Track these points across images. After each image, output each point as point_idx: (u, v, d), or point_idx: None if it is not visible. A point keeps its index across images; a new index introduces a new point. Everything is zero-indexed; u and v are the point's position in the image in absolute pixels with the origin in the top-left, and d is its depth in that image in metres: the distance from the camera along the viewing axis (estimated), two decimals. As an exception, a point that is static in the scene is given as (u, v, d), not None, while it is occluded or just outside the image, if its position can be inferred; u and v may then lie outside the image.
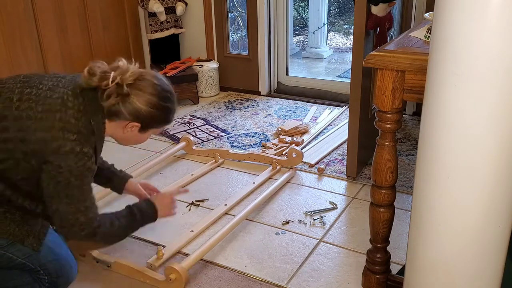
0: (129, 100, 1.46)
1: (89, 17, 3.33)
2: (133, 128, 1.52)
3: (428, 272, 1.08)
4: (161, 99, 1.50)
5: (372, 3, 2.17)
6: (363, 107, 2.31)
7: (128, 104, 1.46)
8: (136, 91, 1.47)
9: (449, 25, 0.88)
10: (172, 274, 1.65)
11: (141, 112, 1.47)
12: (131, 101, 1.46)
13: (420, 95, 1.12)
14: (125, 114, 1.46)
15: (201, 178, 2.45)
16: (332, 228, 2.03)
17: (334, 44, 5.76)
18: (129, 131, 1.53)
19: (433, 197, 1.01)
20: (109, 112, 1.47)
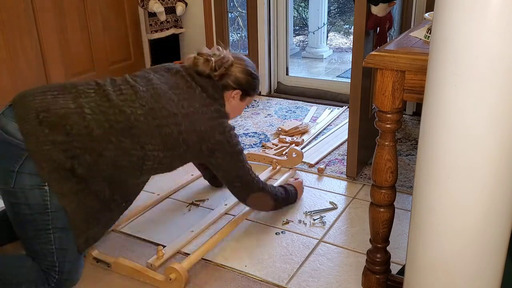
0: (231, 70, 1.81)
1: (89, 17, 3.33)
2: (235, 96, 1.84)
3: (428, 272, 1.08)
4: (252, 68, 1.88)
5: (372, 3, 2.17)
6: (363, 107, 2.31)
7: (231, 74, 1.80)
8: (236, 65, 1.82)
9: (449, 25, 0.88)
10: (172, 274, 1.65)
11: (241, 79, 1.83)
12: (233, 71, 1.81)
13: (420, 95, 1.12)
14: (230, 83, 1.81)
15: (201, 178, 2.45)
16: (332, 228, 2.03)
17: (334, 44, 5.77)
18: (232, 100, 1.84)
19: (433, 197, 1.01)
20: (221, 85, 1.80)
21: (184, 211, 2.17)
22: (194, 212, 2.17)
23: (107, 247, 1.92)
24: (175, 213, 2.16)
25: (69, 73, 3.23)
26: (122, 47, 3.64)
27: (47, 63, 3.06)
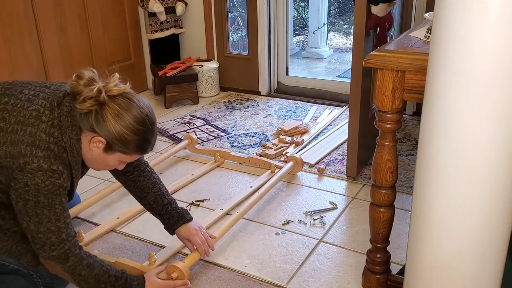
0: (103, 110, 1.36)
1: (89, 17, 3.32)
2: (99, 144, 1.40)
3: (428, 272, 1.08)
4: (136, 122, 1.38)
5: (372, 3, 2.17)
6: (363, 107, 2.31)
7: (100, 116, 1.36)
8: (114, 105, 1.37)
9: (449, 25, 0.88)
10: (174, 273, 1.65)
11: (110, 127, 1.36)
12: (104, 113, 1.36)
13: (420, 95, 1.12)
14: (94, 125, 1.37)
15: (201, 178, 2.45)
16: (332, 228, 2.03)
17: (334, 44, 5.76)
18: (94, 147, 1.41)
19: (433, 197, 1.01)
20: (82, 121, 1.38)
21: (184, 211, 2.17)
22: (194, 212, 2.17)
23: (107, 247, 1.92)
24: (175, 213, 2.16)
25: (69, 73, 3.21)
26: (122, 47, 3.64)
27: (47, 63, 3.06)
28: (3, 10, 2.82)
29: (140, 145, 1.43)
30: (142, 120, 1.40)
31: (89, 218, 2.12)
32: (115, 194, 2.29)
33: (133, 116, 1.38)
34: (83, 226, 2.06)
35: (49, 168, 1.32)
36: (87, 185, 2.40)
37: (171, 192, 2.31)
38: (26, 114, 1.35)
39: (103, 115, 1.36)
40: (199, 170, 2.51)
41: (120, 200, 2.28)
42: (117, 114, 1.36)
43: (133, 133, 1.38)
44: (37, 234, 1.35)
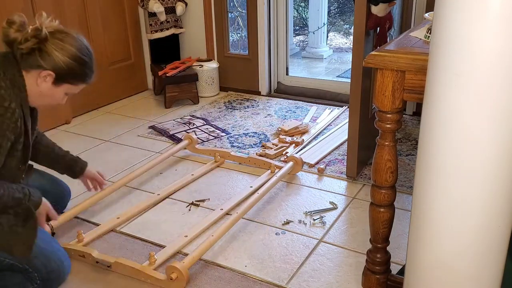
0: (46, 46, 1.45)
1: (89, 17, 3.33)
2: (47, 78, 1.50)
3: (428, 272, 1.08)
4: (79, 50, 1.51)
5: (372, 3, 2.17)
6: (363, 107, 2.31)
7: (45, 51, 1.46)
8: (55, 40, 1.47)
9: (449, 25, 0.88)
10: (174, 273, 1.65)
11: (58, 60, 1.47)
12: (49, 48, 1.46)
13: (420, 95, 1.12)
14: (41, 62, 1.46)
15: (201, 178, 2.45)
16: (332, 228, 2.03)
17: (334, 44, 5.76)
18: (42, 82, 1.50)
19: (433, 197, 1.01)
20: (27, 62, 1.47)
21: (184, 211, 2.17)
22: (194, 212, 2.17)
23: (107, 247, 1.92)
24: (175, 213, 2.16)
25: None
26: (122, 47, 3.64)
27: (47, 63, 3.06)
28: (3, 10, 2.82)
29: (86, 74, 1.56)
30: (84, 49, 1.54)
31: (89, 218, 2.12)
32: (115, 194, 2.29)
33: (76, 47, 1.51)
34: (83, 226, 2.06)
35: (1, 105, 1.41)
36: (87, 185, 2.41)
37: (171, 192, 2.31)
38: None
39: (48, 51, 1.46)
40: (199, 170, 2.51)
41: (120, 200, 2.28)
42: (61, 47, 1.48)
43: (78, 63, 1.51)
44: None
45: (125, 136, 3.02)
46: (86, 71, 1.56)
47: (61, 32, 1.51)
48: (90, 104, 3.44)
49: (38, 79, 1.50)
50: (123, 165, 2.63)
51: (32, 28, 1.44)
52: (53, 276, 1.59)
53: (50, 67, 1.48)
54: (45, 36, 1.45)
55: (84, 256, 1.82)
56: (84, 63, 1.53)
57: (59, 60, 1.48)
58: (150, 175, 2.49)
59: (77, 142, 2.93)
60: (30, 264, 1.54)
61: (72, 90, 1.60)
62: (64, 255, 1.65)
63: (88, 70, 1.56)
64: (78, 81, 1.57)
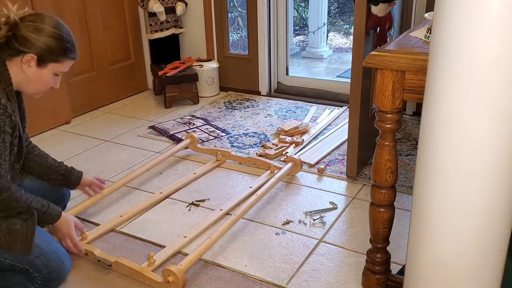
0: (20, 30, 1.46)
1: (89, 17, 3.33)
2: (31, 63, 1.50)
3: (428, 272, 1.08)
4: (53, 27, 1.50)
5: (372, 3, 2.17)
6: (363, 107, 2.31)
7: (20, 36, 1.46)
8: (26, 23, 1.47)
9: (449, 25, 0.88)
10: (170, 277, 1.65)
11: (33, 39, 1.47)
12: (22, 31, 1.46)
13: (420, 95, 1.12)
14: (18, 46, 1.47)
15: (201, 178, 2.45)
16: (332, 228, 2.03)
17: (334, 44, 5.76)
18: (27, 68, 1.51)
19: (433, 197, 1.01)
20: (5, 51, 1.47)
21: (184, 211, 2.17)
22: (194, 212, 2.17)
23: (107, 247, 1.92)
24: (175, 213, 2.16)
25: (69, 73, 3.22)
26: (122, 47, 3.64)
27: (47, 63, 3.06)
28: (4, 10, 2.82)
29: (67, 48, 1.55)
30: (58, 25, 1.52)
31: (89, 218, 2.12)
32: (115, 194, 2.29)
33: (50, 25, 1.50)
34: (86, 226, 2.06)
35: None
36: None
37: (171, 192, 2.31)
38: None
39: (22, 34, 1.47)
40: (200, 169, 2.51)
41: (120, 200, 2.28)
42: (35, 28, 1.47)
43: (56, 39, 1.51)
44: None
45: (125, 136, 3.02)
46: (66, 45, 1.54)
47: (31, 15, 1.51)
48: (90, 104, 3.44)
49: (22, 66, 1.51)
50: (123, 165, 2.63)
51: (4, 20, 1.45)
52: (54, 275, 1.59)
53: (30, 50, 1.48)
54: (14, 21, 1.46)
55: (86, 254, 1.82)
56: (61, 37, 1.53)
57: (36, 40, 1.48)
58: (150, 175, 2.49)
59: (77, 142, 2.93)
60: (31, 264, 1.54)
61: (59, 69, 1.59)
62: (64, 255, 1.65)
63: (68, 44, 1.55)
64: (62, 57, 1.56)
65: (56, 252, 1.62)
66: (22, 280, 1.55)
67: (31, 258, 1.54)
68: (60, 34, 1.52)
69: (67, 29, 1.57)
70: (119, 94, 3.67)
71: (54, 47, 1.51)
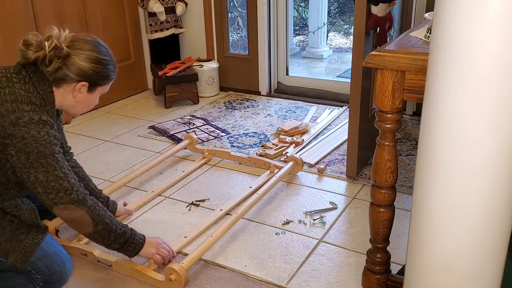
0: (71, 60, 1.48)
1: (89, 17, 3.33)
2: (81, 89, 1.54)
3: (428, 272, 1.08)
4: (100, 53, 1.53)
5: (372, 3, 2.17)
6: (363, 107, 2.31)
7: (71, 65, 1.48)
8: (75, 51, 1.49)
9: (449, 25, 0.88)
10: (172, 275, 1.65)
11: (86, 69, 1.50)
12: (73, 61, 1.48)
13: (420, 95, 1.12)
14: (71, 75, 1.49)
15: (201, 178, 2.45)
16: (332, 228, 2.03)
17: (334, 44, 5.76)
18: (78, 94, 1.55)
19: (433, 197, 1.01)
20: (55, 78, 1.49)
21: (184, 211, 2.17)
22: (194, 212, 2.17)
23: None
24: (175, 213, 2.16)
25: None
26: (122, 47, 3.64)
27: (47, 63, 3.06)
28: (3, 10, 2.82)
29: (112, 70, 1.59)
30: (103, 50, 1.56)
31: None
32: (115, 194, 2.29)
33: (96, 51, 1.53)
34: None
35: (40, 119, 1.43)
36: (87, 185, 2.41)
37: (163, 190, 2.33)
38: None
39: (74, 63, 1.49)
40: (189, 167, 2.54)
41: (120, 200, 2.28)
42: (85, 56, 1.50)
43: (103, 65, 1.54)
44: (49, 184, 1.44)
45: (125, 136, 3.02)
46: (111, 68, 1.59)
47: (77, 40, 1.52)
48: (90, 104, 3.44)
49: (73, 92, 1.54)
50: (123, 165, 2.63)
51: (51, 48, 1.46)
52: (56, 278, 1.59)
53: (80, 77, 1.51)
54: (66, 53, 1.47)
55: (86, 255, 1.82)
56: (108, 62, 1.56)
57: (87, 68, 1.51)
58: (150, 175, 2.49)
59: (77, 142, 2.93)
60: (33, 266, 1.54)
61: (104, 90, 1.64)
62: (66, 257, 1.65)
63: (112, 66, 1.59)
64: (108, 81, 1.61)
65: (59, 255, 1.62)
66: (23, 281, 1.54)
67: (34, 259, 1.53)
68: (106, 59, 1.56)
69: (108, 49, 1.59)
70: (119, 94, 3.67)
71: (102, 72, 1.55)
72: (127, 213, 2.11)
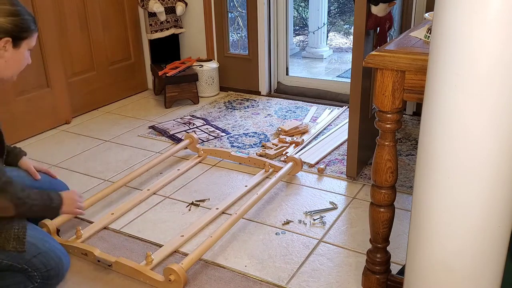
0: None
1: (89, 17, 3.33)
2: (6, 46, 1.52)
3: (428, 272, 1.08)
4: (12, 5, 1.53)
5: (372, 3, 2.17)
6: (363, 107, 2.31)
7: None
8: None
9: (449, 25, 0.88)
10: (172, 275, 1.65)
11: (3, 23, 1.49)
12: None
13: (420, 95, 1.12)
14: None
15: (201, 178, 2.45)
16: (332, 228, 2.03)
17: (334, 44, 5.76)
18: (4, 52, 1.53)
19: (433, 197, 1.01)
20: None
21: (184, 211, 2.17)
22: (194, 212, 2.17)
23: (107, 247, 1.92)
24: (175, 213, 2.16)
25: (69, 73, 3.23)
26: (122, 47, 3.64)
27: (47, 63, 3.06)
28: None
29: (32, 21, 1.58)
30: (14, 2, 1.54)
31: (89, 218, 2.12)
32: (115, 194, 2.29)
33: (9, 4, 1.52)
34: (82, 225, 2.06)
35: None
36: (87, 185, 2.41)
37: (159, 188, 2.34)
38: None
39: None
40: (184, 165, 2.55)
41: (120, 200, 2.28)
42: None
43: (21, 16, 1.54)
44: None
45: (125, 136, 3.02)
46: (28, 18, 1.57)
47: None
48: (90, 104, 3.44)
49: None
50: (123, 165, 2.63)
51: None
52: (53, 274, 1.59)
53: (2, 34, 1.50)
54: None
55: (86, 254, 1.82)
56: (22, 13, 1.55)
57: (3, 23, 1.49)
58: (150, 175, 2.49)
59: (77, 142, 2.93)
60: (29, 263, 1.54)
61: (30, 44, 1.61)
62: (63, 252, 1.65)
63: (28, 16, 1.58)
64: (30, 32, 1.58)
65: (54, 251, 1.62)
66: (22, 279, 1.55)
67: (29, 257, 1.54)
68: (20, 10, 1.55)
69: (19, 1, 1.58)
70: (119, 94, 3.67)
71: (23, 24, 1.54)
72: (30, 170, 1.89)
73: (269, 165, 2.44)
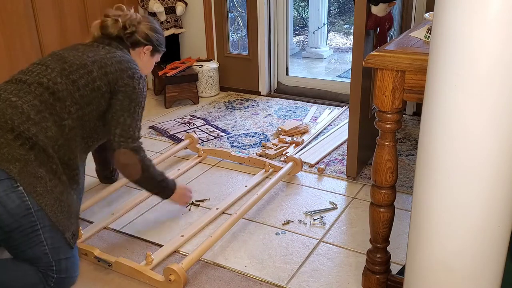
0: (140, 27, 1.93)
1: (89, 17, 3.32)
2: (147, 52, 1.97)
3: (428, 272, 1.08)
4: (157, 25, 2.03)
5: (372, 3, 2.17)
6: (363, 107, 2.31)
7: (140, 31, 1.93)
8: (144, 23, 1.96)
9: (449, 25, 0.88)
10: (172, 275, 1.65)
11: (150, 35, 1.96)
12: (142, 28, 1.94)
13: (420, 95, 1.12)
14: (141, 39, 1.93)
15: (201, 178, 2.45)
16: (332, 228, 2.03)
17: (334, 44, 5.77)
18: (144, 56, 1.97)
19: (433, 197, 1.01)
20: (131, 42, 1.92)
21: (184, 211, 2.17)
22: (194, 212, 2.17)
23: (107, 247, 1.92)
24: (175, 213, 2.16)
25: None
26: (122, 47, 3.64)
27: (47, 63, 3.05)
28: (3, 10, 2.82)
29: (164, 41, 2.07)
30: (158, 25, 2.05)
31: (89, 218, 2.12)
32: (115, 194, 2.29)
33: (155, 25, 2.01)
34: (82, 225, 2.06)
35: (144, 78, 1.86)
36: (87, 185, 2.40)
37: None
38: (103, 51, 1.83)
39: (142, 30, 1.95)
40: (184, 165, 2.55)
41: (120, 200, 2.28)
42: (147, 26, 1.96)
43: (160, 34, 2.03)
44: (129, 128, 1.78)
45: (125, 136, 3.02)
46: (163, 39, 2.05)
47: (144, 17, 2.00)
48: (90, 104, 3.44)
49: (141, 54, 1.96)
50: (123, 165, 2.62)
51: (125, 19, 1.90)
52: (67, 283, 1.57)
53: (148, 41, 1.95)
54: (139, 20, 1.94)
55: (86, 254, 1.82)
56: (162, 33, 2.04)
57: (151, 35, 1.96)
58: (150, 175, 2.49)
59: (77, 142, 2.93)
60: (58, 262, 1.52)
61: (157, 59, 2.07)
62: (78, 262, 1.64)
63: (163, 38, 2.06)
64: (161, 48, 2.04)
65: (78, 258, 1.62)
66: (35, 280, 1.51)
67: (61, 256, 1.53)
68: (162, 32, 2.04)
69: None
70: (119, 94, 3.66)
71: (161, 41, 2.02)
72: None
73: (269, 165, 2.44)
